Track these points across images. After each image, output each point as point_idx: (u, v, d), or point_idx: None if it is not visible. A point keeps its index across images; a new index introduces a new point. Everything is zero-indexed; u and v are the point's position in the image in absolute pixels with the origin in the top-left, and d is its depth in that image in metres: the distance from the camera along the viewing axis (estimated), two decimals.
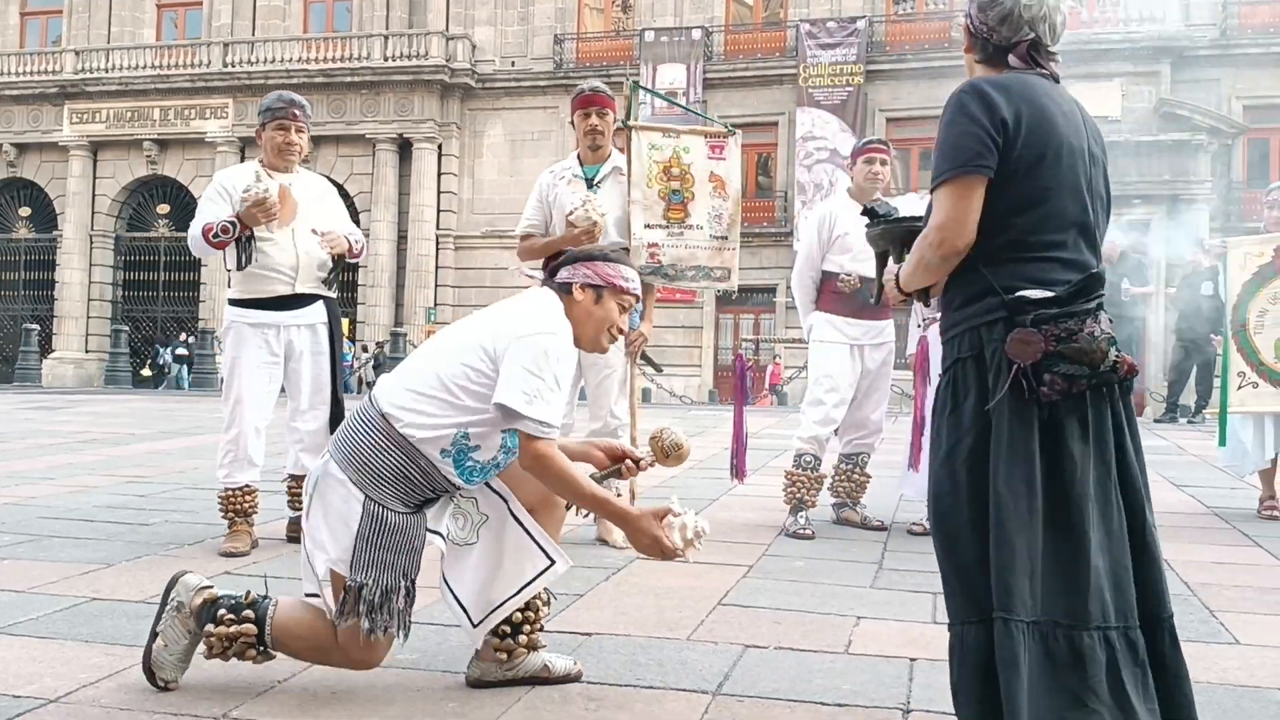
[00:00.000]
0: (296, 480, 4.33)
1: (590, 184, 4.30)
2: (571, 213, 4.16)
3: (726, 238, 4.61)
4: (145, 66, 27.41)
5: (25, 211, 29.19)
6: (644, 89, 4.54)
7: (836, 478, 4.95)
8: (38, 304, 28.03)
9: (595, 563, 4.02)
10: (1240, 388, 5.29)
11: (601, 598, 3.49)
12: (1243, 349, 5.30)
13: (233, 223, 4.04)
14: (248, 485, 4.23)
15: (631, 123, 4.49)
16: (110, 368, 19.84)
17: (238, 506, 4.22)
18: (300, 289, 4.19)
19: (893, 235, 2.39)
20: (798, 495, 4.66)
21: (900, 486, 4.99)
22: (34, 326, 20.27)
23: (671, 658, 2.84)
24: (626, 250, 4.34)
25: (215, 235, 4.05)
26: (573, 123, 4.41)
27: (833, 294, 4.73)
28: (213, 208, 4.15)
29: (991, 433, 2.01)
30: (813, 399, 4.72)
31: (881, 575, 3.85)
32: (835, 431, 4.81)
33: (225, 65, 26.83)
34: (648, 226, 4.41)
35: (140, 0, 28.78)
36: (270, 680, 2.62)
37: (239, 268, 4.15)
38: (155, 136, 27.46)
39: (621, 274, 2.66)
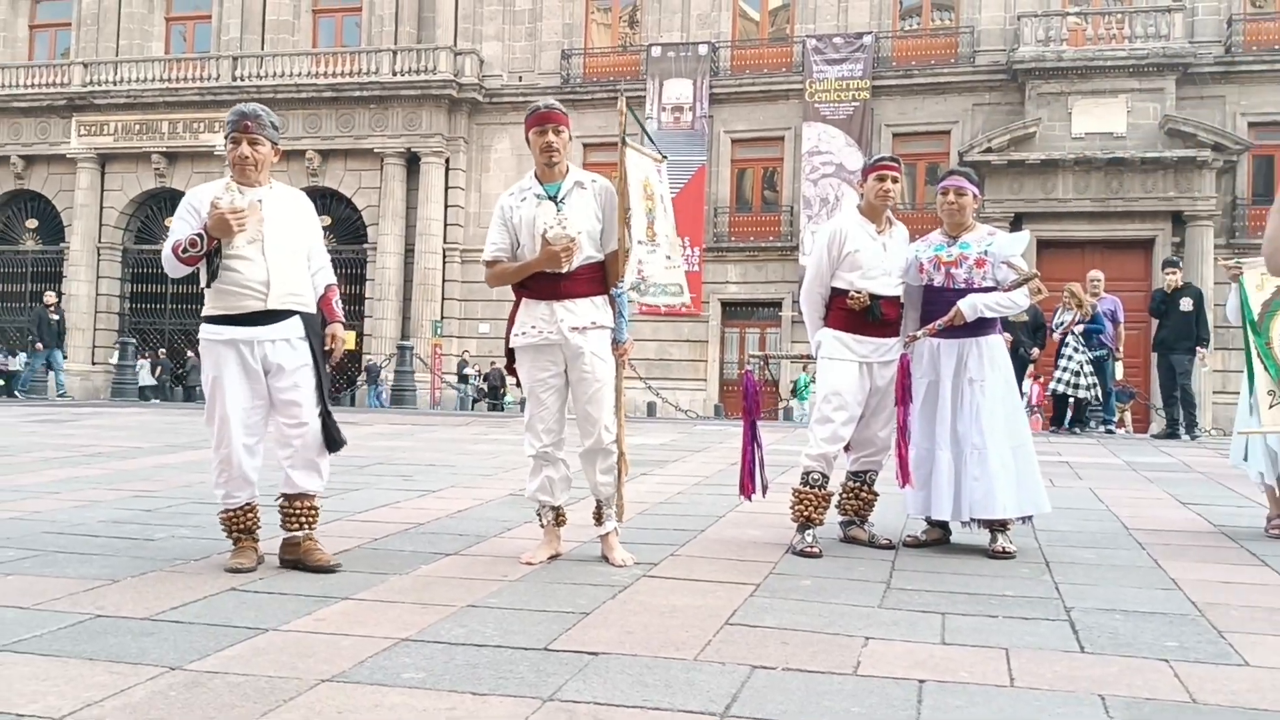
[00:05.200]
0: (289, 500, 4.17)
1: (555, 202, 4.28)
2: (547, 231, 4.14)
3: (670, 257, 4.68)
4: (154, 79, 27.56)
5: (32, 223, 29.32)
6: (630, 110, 4.52)
7: (844, 495, 4.93)
8: None
9: (601, 580, 4.00)
10: (1272, 406, 5.31)
11: (608, 616, 3.47)
12: (1267, 368, 5.32)
13: (200, 235, 3.96)
14: (248, 503, 4.19)
15: (630, 139, 4.49)
16: (117, 380, 19.84)
17: (241, 525, 4.18)
18: (273, 305, 4.07)
19: None
20: (805, 513, 4.63)
21: (906, 507, 4.99)
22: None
23: (679, 678, 2.82)
24: (611, 259, 4.33)
25: (184, 250, 3.97)
26: (527, 140, 4.39)
27: (842, 311, 4.72)
28: (182, 225, 4.07)
29: None
30: (821, 416, 4.70)
31: (890, 595, 3.83)
32: (845, 449, 4.79)
33: (234, 79, 26.97)
34: (639, 242, 4.40)
35: (149, 14, 28.95)
36: (276, 699, 2.61)
37: (208, 284, 4.07)
38: (163, 149, 27.61)
39: None
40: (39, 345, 18.88)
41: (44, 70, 28.52)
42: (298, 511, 4.15)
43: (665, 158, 4.88)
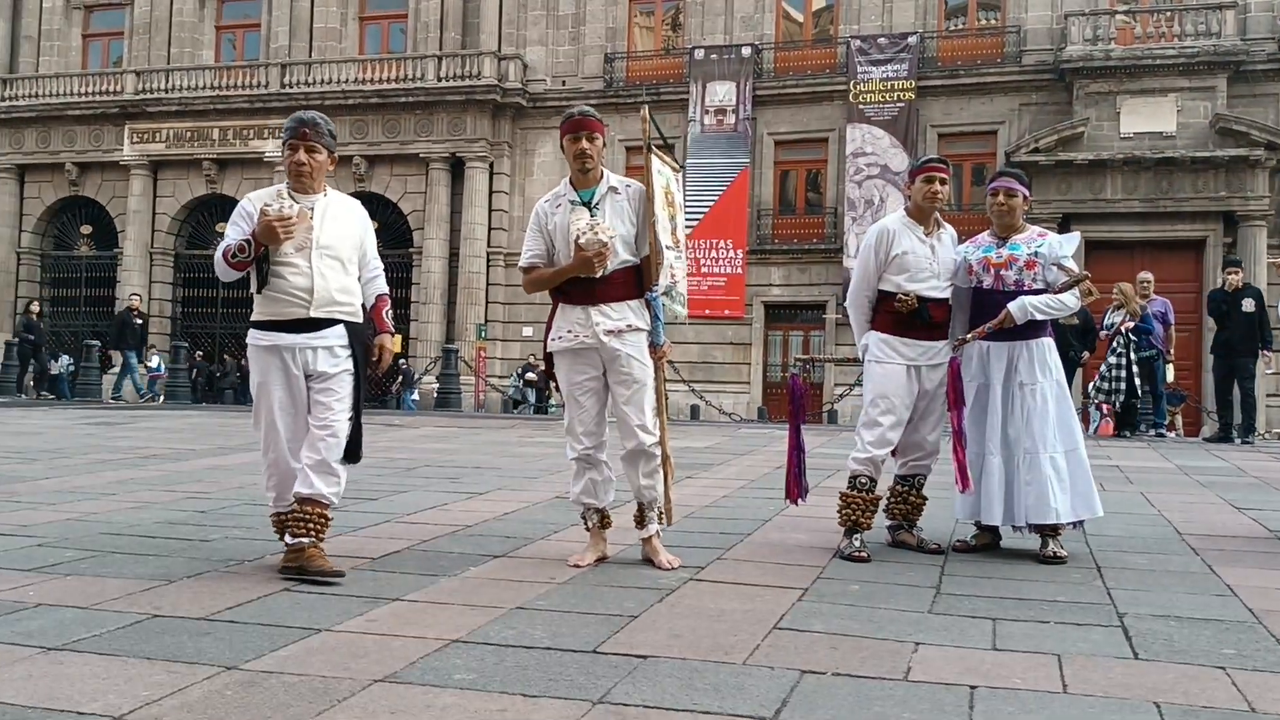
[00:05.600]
0: (300, 503, 4.07)
1: (589, 208, 4.29)
2: (580, 237, 4.16)
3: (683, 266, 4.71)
4: (204, 87, 28.00)
5: (87, 229, 29.89)
6: (653, 119, 4.51)
7: (892, 499, 4.90)
8: (98, 320, 28.58)
9: (648, 584, 4.01)
10: None
11: (655, 619, 3.48)
12: None
13: (248, 241, 4.00)
14: None
15: (655, 144, 4.50)
16: (170, 384, 20.14)
17: None
18: (315, 313, 4.08)
19: None
20: (853, 517, 4.61)
21: (955, 511, 4.95)
22: (95, 343, 20.65)
23: (728, 682, 2.82)
24: (645, 263, 4.34)
25: (233, 255, 4.01)
26: (562, 147, 4.41)
27: (889, 314, 4.69)
28: (235, 230, 4.12)
29: None
30: (868, 420, 4.67)
31: (940, 600, 3.80)
32: (892, 453, 4.76)
33: (283, 86, 27.32)
34: (667, 247, 4.42)
35: (200, 22, 29.39)
36: (331, 699, 2.64)
37: (258, 289, 4.11)
38: (214, 156, 28.02)
39: None
40: (113, 351, 19.22)
41: (97, 79, 29.05)
42: (308, 516, 4.06)
43: (682, 167, 4.91)
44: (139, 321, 19.54)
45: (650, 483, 4.36)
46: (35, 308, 22.31)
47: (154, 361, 24.11)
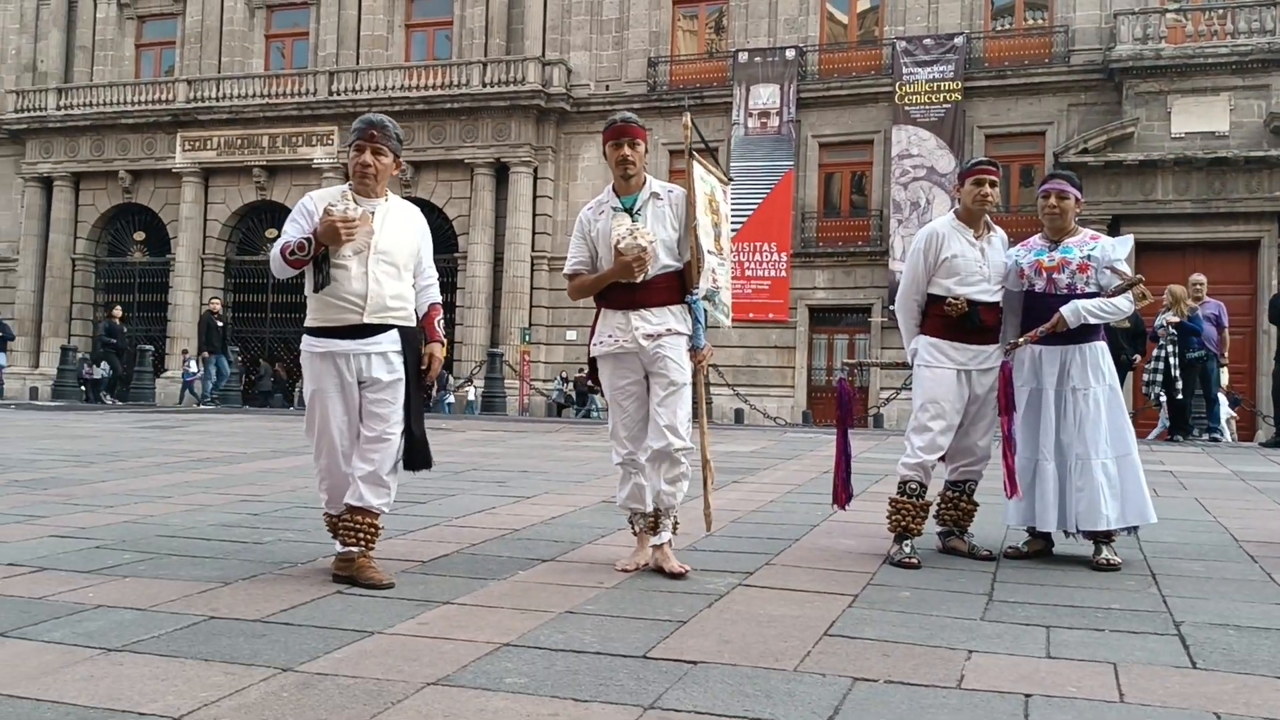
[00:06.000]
0: (351, 513, 4.09)
1: (630, 214, 4.30)
2: (619, 242, 4.16)
3: (727, 274, 4.73)
4: (254, 95, 28.39)
5: (140, 236, 30.43)
6: (695, 127, 4.51)
7: (943, 505, 4.86)
8: (151, 325, 29.06)
9: (697, 589, 4.00)
10: None
11: (704, 625, 3.48)
12: None
13: (308, 239, 4.00)
14: None
15: (697, 149, 4.50)
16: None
17: None
18: (369, 319, 4.07)
19: None
20: (903, 523, 4.58)
21: (1007, 517, 4.89)
22: (148, 347, 21.00)
23: (779, 689, 2.81)
24: (686, 268, 4.35)
25: (291, 253, 4.02)
26: (605, 153, 4.41)
27: (939, 318, 4.65)
28: (294, 228, 4.13)
29: None
30: (918, 425, 4.64)
31: (992, 607, 3.77)
32: (941, 458, 4.72)
33: (331, 93, 27.64)
34: (710, 253, 4.42)
35: (249, 31, 29.82)
36: (385, 701, 2.67)
37: (315, 289, 4.11)
38: (264, 163, 28.40)
39: None
40: (205, 354, 19.50)
41: (150, 88, 29.55)
42: (358, 526, 4.08)
43: (731, 179, 4.91)
44: (221, 324, 19.82)
45: (671, 489, 4.30)
46: (117, 312, 22.46)
47: (193, 366, 24.46)
